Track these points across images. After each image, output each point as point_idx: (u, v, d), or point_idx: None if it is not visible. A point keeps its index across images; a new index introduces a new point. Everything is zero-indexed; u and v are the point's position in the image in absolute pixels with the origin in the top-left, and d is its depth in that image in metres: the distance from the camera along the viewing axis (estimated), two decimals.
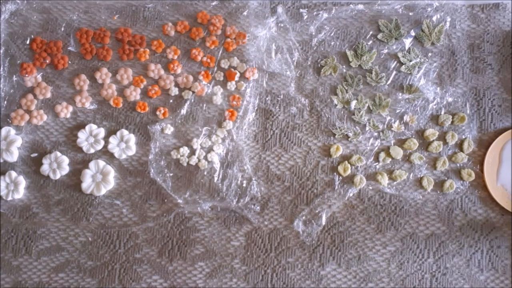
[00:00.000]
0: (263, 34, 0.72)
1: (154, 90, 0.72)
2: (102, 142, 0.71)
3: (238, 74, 0.73)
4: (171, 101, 0.72)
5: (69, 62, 0.73)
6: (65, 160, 0.70)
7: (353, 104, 0.72)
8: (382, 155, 0.70)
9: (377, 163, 0.70)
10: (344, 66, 0.73)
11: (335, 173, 0.70)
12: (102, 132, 0.71)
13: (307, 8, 0.74)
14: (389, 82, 0.73)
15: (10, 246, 0.68)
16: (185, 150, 0.71)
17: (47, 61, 0.73)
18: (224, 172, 0.70)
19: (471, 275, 0.67)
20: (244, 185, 0.69)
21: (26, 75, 0.72)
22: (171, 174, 0.70)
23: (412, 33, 0.74)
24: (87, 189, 0.69)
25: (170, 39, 0.74)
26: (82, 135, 0.71)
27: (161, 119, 0.72)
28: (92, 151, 0.70)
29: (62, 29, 0.74)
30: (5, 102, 0.72)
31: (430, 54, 0.73)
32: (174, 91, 0.72)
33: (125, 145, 0.70)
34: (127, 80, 0.73)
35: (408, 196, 0.69)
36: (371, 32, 0.74)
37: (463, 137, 0.71)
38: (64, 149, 0.71)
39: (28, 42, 0.73)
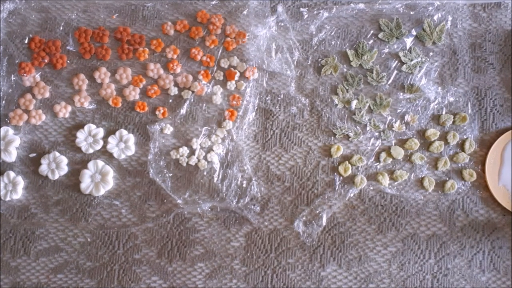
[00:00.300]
0: (263, 33, 0.72)
1: (154, 90, 0.72)
2: (101, 142, 0.70)
3: (238, 74, 0.72)
4: (170, 100, 0.72)
5: (68, 61, 0.73)
6: (64, 160, 0.70)
7: (354, 103, 0.71)
8: (383, 155, 0.70)
9: (378, 163, 0.70)
10: (344, 66, 0.73)
11: (335, 173, 0.70)
12: (101, 132, 0.70)
13: (307, 7, 0.74)
14: (390, 81, 0.72)
15: (8, 247, 0.68)
16: (184, 150, 0.70)
17: (46, 61, 0.72)
18: (224, 172, 0.69)
19: (473, 276, 0.67)
20: (244, 185, 0.69)
21: (25, 74, 0.72)
22: (171, 174, 0.69)
23: (413, 32, 0.73)
24: (86, 189, 0.69)
25: (169, 38, 0.74)
26: (81, 135, 0.70)
27: (160, 119, 0.71)
28: (91, 151, 0.70)
29: (61, 28, 0.73)
30: (3, 101, 0.71)
31: (431, 53, 0.73)
32: (174, 90, 0.72)
33: (124, 145, 0.70)
34: (126, 80, 0.72)
35: (409, 196, 0.69)
36: (372, 31, 0.74)
37: (465, 137, 0.70)
38: (63, 149, 0.71)
39: (26, 41, 0.73)
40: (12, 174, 0.69)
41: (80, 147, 0.70)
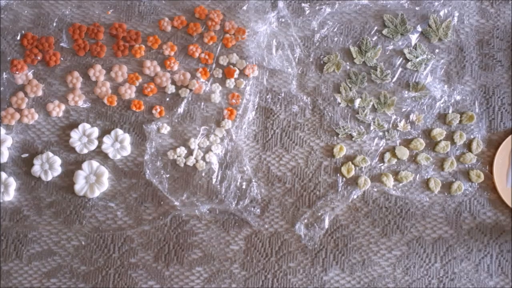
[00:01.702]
0: (264, 30, 0.71)
1: (150, 88, 0.71)
2: (96, 142, 0.70)
3: (237, 71, 0.72)
4: (167, 99, 0.71)
5: (62, 58, 0.72)
6: (57, 161, 0.69)
7: (357, 102, 0.70)
8: (388, 155, 0.69)
9: (382, 164, 0.69)
10: (347, 63, 0.72)
11: (338, 174, 0.69)
12: (95, 131, 0.70)
13: (309, 3, 0.73)
14: (394, 79, 0.71)
15: (0, 250, 0.67)
16: (182, 151, 0.69)
17: (39, 58, 0.72)
18: (222, 173, 0.69)
19: (480, 280, 0.66)
20: (244, 186, 0.68)
21: (17, 72, 0.71)
22: (168, 175, 0.69)
23: (419, 28, 0.73)
24: (80, 191, 0.68)
25: (166, 35, 0.73)
26: (75, 135, 0.70)
27: (157, 118, 0.71)
28: (85, 151, 0.69)
29: (54, 24, 0.73)
30: None
31: (437, 50, 0.72)
32: (171, 89, 0.71)
33: (120, 145, 0.69)
34: (121, 78, 0.72)
35: (415, 198, 0.68)
36: (376, 28, 0.73)
37: (472, 136, 0.70)
38: (56, 149, 0.70)
39: (18, 38, 0.72)
40: (4, 175, 0.69)
41: (74, 147, 0.69)
